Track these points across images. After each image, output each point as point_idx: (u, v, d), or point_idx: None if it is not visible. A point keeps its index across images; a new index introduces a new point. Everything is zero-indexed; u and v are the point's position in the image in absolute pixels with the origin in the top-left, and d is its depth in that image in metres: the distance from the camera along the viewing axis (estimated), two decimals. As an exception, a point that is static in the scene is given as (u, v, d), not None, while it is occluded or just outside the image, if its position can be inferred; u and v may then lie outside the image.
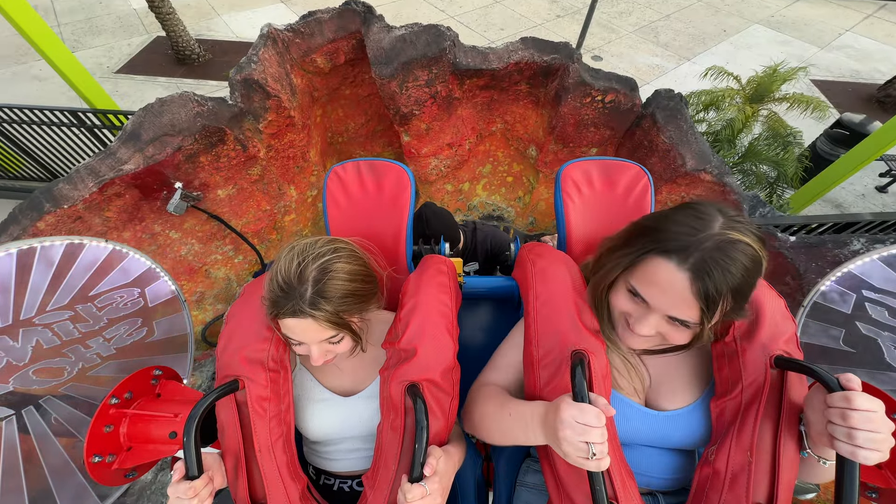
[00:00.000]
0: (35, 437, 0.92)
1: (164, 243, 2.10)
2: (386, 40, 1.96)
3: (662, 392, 0.81)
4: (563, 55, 2.06)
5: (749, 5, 7.88)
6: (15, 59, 6.12)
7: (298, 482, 0.79)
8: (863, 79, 6.40)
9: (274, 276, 0.74)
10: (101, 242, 1.01)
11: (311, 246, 0.78)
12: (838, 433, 0.56)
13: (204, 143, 1.86)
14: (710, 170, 2.13)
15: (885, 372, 0.92)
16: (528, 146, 2.66)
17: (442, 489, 0.68)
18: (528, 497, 0.93)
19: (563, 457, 0.59)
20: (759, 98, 3.86)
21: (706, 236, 0.62)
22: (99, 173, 1.71)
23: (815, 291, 0.97)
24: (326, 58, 2.13)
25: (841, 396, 0.56)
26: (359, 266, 0.81)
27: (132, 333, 1.08)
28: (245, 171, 2.14)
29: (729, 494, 0.67)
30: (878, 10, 7.88)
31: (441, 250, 1.43)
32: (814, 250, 1.92)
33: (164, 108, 1.76)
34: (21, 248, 0.89)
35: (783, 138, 3.73)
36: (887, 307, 0.91)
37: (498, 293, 1.29)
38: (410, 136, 2.38)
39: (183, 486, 0.65)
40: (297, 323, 0.73)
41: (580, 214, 1.02)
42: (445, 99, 2.20)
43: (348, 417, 0.88)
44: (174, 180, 1.89)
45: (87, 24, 6.89)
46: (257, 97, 1.90)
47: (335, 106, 2.54)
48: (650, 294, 0.67)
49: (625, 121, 2.23)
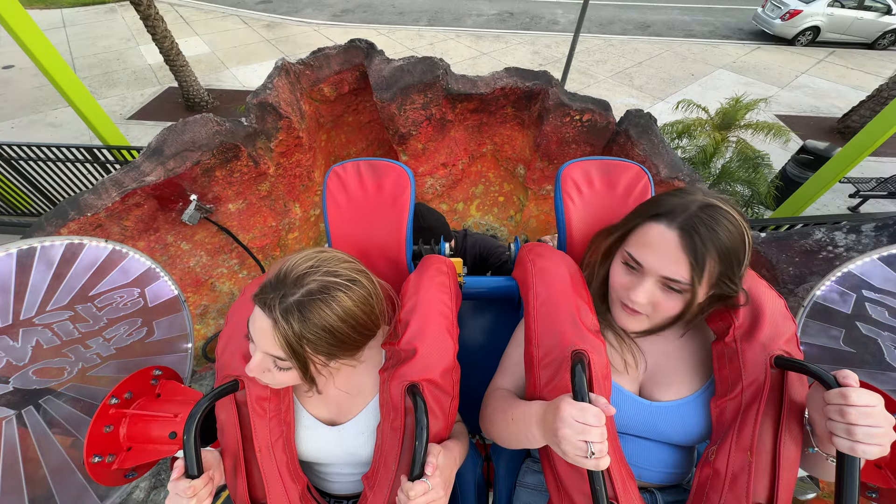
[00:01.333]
0: (35, 438, 0.92)
1: (175, 254, 2.21)
2: (386, 70, 2.22)
3: (657, 381, 0.82)
4: (543, 81, 2.33)
5: (712, 54, 8.72)
6: (32, 109, 6.51)
7: (298, 482, 0.79)
8: (822, 113, 6.98)
9: (282, 265, 0.69)
10: (101, 242, 1.01)
11: (330, 260, 0.70)
12: (837, 429, 0.56)
13: (220, 158, 2.03)
14: (683, 177, 2.34)
15: (885, 372, 0.91)
16: (517, 165, 2.88)
17: (444, 483, 0.66)
18: (528, 498, 0.92)
19: (562, 456, 0.59)
20: (726, 126, 4.23)
21: (691, 200, 0.69)
22: (122, 184, 1.86)
23: (814, 291, 0.98)
24: (332, 87, 2.38)
25: (837, 393, 0.57)
26: (362, 312, 0.71)
27: (132, 333, 1.07)
28: (255, 186, 2.30)
29: (729, 494, 0.67)
30: (828, 56, 8.75)
31: (441, 250, 1.43)
32: (782, 243, 2.07)
33: (187, 127, 1.95)
34: (21, 248, 0.89)
35: (752, 160, 4.04)
36: (887, 307, 0.90)
37: (498, 293, 1.28)
38: (408, 156, 2.59)
39: (183, 485, 0.65)
40: (261, 318, 0.65)
41: (580, 214, 1.02)
42: (439, 121, 2.43)
43: (333, 447, 0.83)
44: (190, 192, 2.04)
45: (104, 77, 7.42)
46: (270, 118, 2.10)
47: (339, 132, 2.78)
48: (644, 255, 0.71)
49: (601, 137, 2.47)
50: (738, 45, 9.10)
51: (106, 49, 8.25)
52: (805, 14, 8.61)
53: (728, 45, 9.09)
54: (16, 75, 7.34)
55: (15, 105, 6.58)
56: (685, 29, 9.73)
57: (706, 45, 9.05)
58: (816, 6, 8.60)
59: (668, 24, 9.94)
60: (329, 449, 0.83)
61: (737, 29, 9.86)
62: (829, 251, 1.95)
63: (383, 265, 1.07)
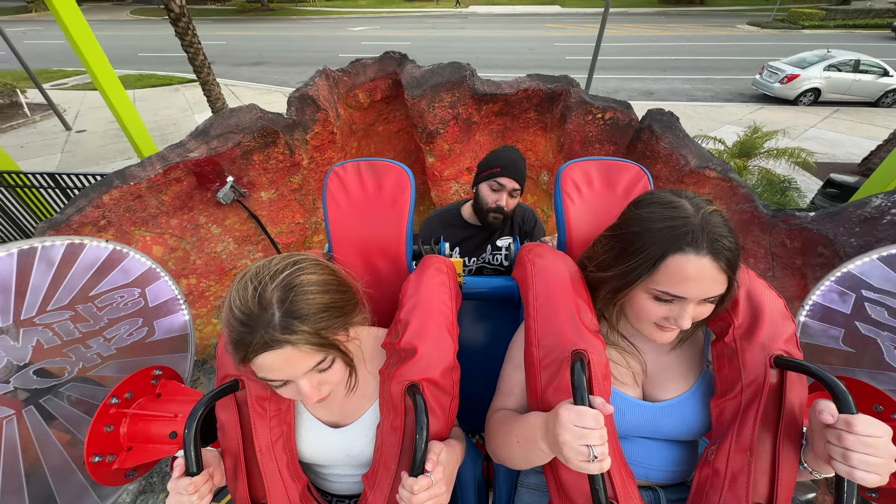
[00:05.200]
0: (35, 438, 0.92)
1: (204, 236, 2.23)
2: (418, 72, 2.41)
3: (658, 383, 0.83)
4: (564, 83, 2.46)
5: (718, 113, 9.18)
6: (94, 162, 7.27)
7: (298, 482, 0.79)
8: (840, 160, 7.01)
9: (229, 313, 0.62)
10: (102, 243, 1.01)
11: (264, 267, 0.67)
12: (834, 453, 0.57)
13: (259, 142, 2.15)
14: (714, 167, 2.30)
15: (885, 372, 0.91)
16: (540, 172, 2.93)
17: (447, 479, 0.66)
18: (530, 498, 0.91)
19: (566, 463, 0.58)
20: (745, 154, 4.27)
21: (694, 218, 0.68)
22: (167, 159, 1.96)
23: (814, 291, 0.99)
24: (367, 94, 2.58)
25: (843, 420, 0.57)
26: (327, 275, 0.71)
27: (133, 333, 1.07)
28: (288, 177, 2.39)
29: (729, 494, 0.67)
30: (834, 112, 9.06)
31: (441, 250, 1.44)
32: (837, 217, 1.93)
33: (233, 114, 2.11)
34: (21, 248, 0.90)
35: (779, 185, 3.99)
36: (887, 307, 0.91)
37: (498, 293, 1.28)
38: (434, 158, 2.68)
39: (183, 482, 0.65)
40: (275, 356, 0.61)
41: (580, 214, 1.02)
42: (465, 121, 2.56)
43: (337, 449, 0.83)
44: (228, 174, 2.13)
45: (160, 137, 8.32)
46: (309, 111, 2.26)
47: (369, 141, 2.94)
48: (686, 289, 0.68)
49: (625, 135, 2.51)
50: (741, 106, 9.59)
51: (166, 117, 9.39)
52: (803, 77, 9.13)
53: (732, 106, 9.58)
54: (86, 137, 8.36)
55: (81, 159, 7.52)
56: (688, 95, 10.42)
57: (710, 107, 9.57)
58: (813, 70, 9.15)
59: (671, 91, 10.70)
60: (331, 451, 0.82)
61: (737, 94, 10.48)
62: (895, 214, 1.81)
63: (383, 265, 1.07)
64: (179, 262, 2.18)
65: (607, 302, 0.81)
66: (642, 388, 0.83)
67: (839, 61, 9.25)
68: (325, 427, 0.82)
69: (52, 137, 8.38)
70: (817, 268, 1.96)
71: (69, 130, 8.65)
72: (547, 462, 0.70)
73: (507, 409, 0.83)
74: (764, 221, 2.19)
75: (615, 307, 0.81)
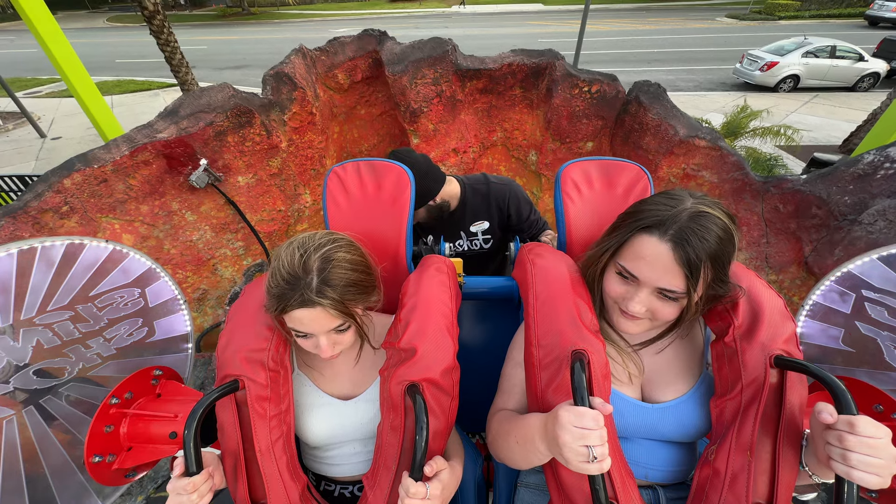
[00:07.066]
0: (36, 437, 0.92)
1: (179, 224, 2.11)
2: (398, 49, 2.33)
3: (656, 384, 0.83)
4: (549, 56, 2.40)
5: (702, 101, 9.27)
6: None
7: (298, 482, 0.80)
8: (821, 142, 7.11)
9: (276, 271, 0.74)
10: (102, 243, 1.03)
11: (310, 239, 0.79)
12: (834, 453, 0.57)
13: (233, 122, 2.04)
14: (703, 136, 2.27)
15: (885, 372, 0.91)
16: (528, 152, 2.86)
17: (443, 499, 0.68)
18: (530, 497, 0.92)
19: (565, 464, 0.59)
20: (732, 134, 4.28)
21: (680, 210, 0.69)
22: (134, 140, 1.85)
23: (814, 291, 1.00)
24: (346, 74, 2.49)
25: (843, 421, 0.57)
26: (358, 256, 0.82)
27: (132, 333, 1.08)
28: (266, 160, 2.28)
29: (729, 494, 0.68)
30: (813, 98, 9.23)
31: (441, 250, 1.43)
32: (828, 177, 1.90)
33: (204, 93, 2.00)
34: (21, 248, 0.91)
35: (766, 162, 4.00)
36: (887, 307, 0.91)
37: (498, 293, 1.28)
38: (419, 139, 2.60)
39: (183, 482, 0.67)
40: (307, 313, 0.73)
41: (580, 214, 1.03)
42: (449, 99, 2.48)
43: (348, 421, 0.87)
44: (201, 157, 2.02)
45: (140, 142, 8.13)
46: (285, 89, 2.16)
47: (351, 126, 2.84)
48: (638, 268, 0.71)
49: (612, 108, 2.46)
50: (725, 94, 9.71)
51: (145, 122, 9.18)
52: (782, 65, 9.29)
53: (715, 95, 9.69)
54: (61, 144, 8.11)
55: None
56: (672, 85, 10.50)
57: (695, 96, 9.67)
58: (791, 58, 9.32)
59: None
60: (343, 424, 0.87)
61: (719, 83, 10.61)
62: (888, 168, 1.78)
63: (383, 265, 1.06)
64: (153, 251, 2.06)
65: (593, 284, 0.83)
66: (641, 388, 0.84)
67: (816, 47, 9.43)
68: (336, 400, 0.88)
69: (27, 145, 8.13)
70: (812, 229, 1.93)
71: (44, 138, 8.40)
72: (545, 462, 0.71)
73: (508, 409, 0.84)
74: (755, 188, 2.15)
75: (601, 292, 0.82)
